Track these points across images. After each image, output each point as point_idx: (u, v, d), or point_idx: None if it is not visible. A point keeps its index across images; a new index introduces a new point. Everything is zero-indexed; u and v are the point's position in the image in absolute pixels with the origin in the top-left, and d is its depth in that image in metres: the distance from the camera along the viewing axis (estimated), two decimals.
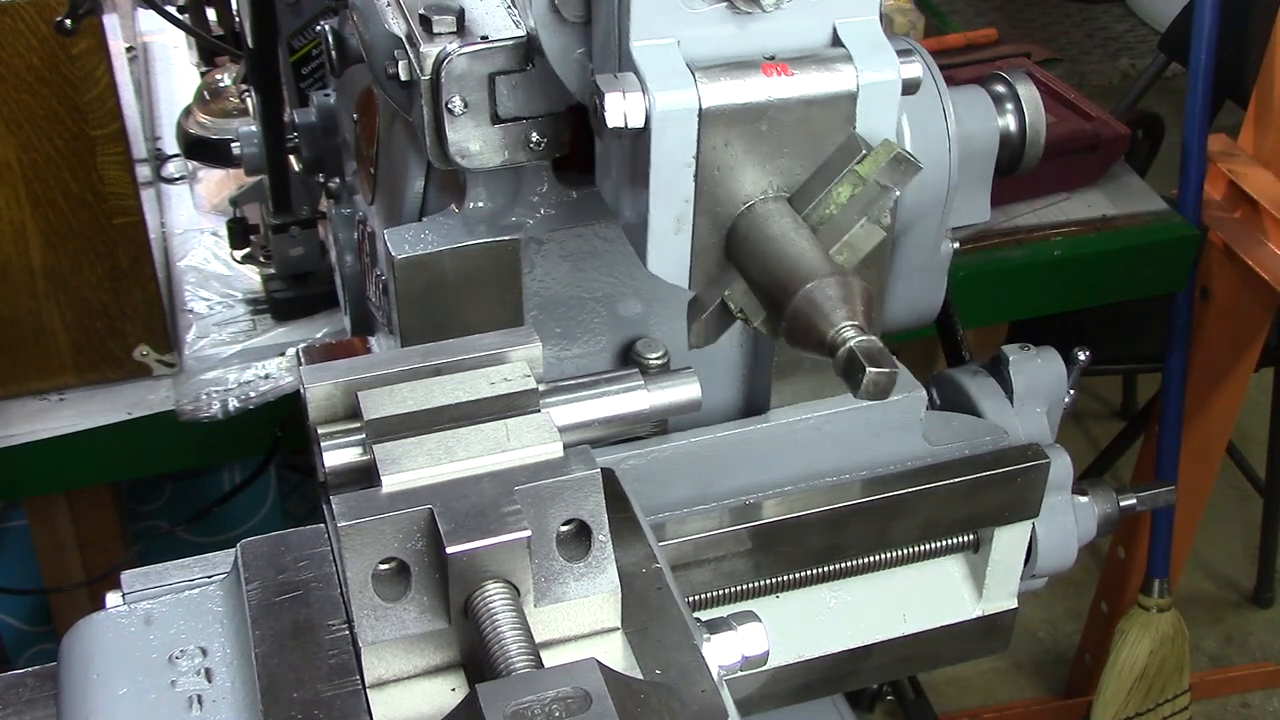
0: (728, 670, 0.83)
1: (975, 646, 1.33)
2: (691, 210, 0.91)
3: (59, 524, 2.05)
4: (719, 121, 0.88)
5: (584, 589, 0.80)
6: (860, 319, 0.83)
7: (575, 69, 0.98)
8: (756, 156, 0.90)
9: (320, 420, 0.83)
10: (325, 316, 1.96)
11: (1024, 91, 1.23)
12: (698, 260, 0.94)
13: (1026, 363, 1.29)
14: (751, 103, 0.88)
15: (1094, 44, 5.25)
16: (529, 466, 0.80)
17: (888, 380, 0.81)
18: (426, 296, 1.10)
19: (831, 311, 0.83)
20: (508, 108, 1.04)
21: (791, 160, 0.91)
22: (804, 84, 0.89)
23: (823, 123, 0.91)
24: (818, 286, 0.84)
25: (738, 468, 1.20)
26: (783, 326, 0.86)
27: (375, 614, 0.77)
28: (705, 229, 0.92)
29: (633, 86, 0.87)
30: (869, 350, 0.81)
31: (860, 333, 0.82)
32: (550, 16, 0.96)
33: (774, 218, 0.91)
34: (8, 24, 1.61)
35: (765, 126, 0.89)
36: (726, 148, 0.89)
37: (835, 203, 0.90)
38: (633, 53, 0.87)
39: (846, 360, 0.82)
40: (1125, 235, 2.20)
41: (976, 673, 3.09)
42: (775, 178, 0.91)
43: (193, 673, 0.80)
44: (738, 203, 0.92)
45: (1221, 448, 2.64)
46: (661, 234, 0.92)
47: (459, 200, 1.12)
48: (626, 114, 0.86)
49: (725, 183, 0.91)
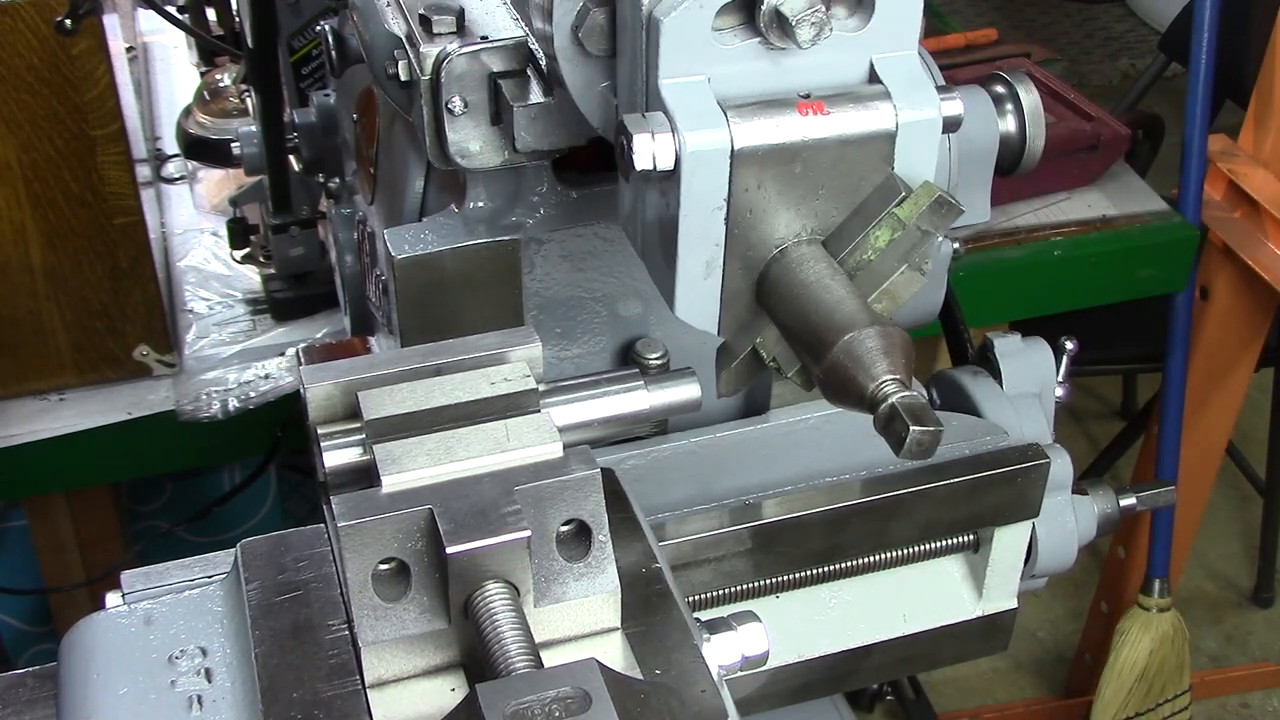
0: (728, 670, 0.83)
1: (975, 646, 1.33)
2: (722, 254, 0.88)
3: (59, 524, 2.05)
4: (752, 162, 0.85)
5: (584, 589, 0.80)
6: (902, 373, 0.80)
7: (599, 103, 0.95)
8: (790, 199, 0.87)
9: (320, 420, 0.83)
10: (325, 316, 1.96)
11: (1024, 92, 1.22)
12: (728, 306, 0.91)
13: (1012, 347, 1.29)
14: (786, 143, 0.85)
15: (1094, 44, 5.25)
16: (529, 466, 0.80)
17: (931, 440, 0.78)
18: (426, 296, 1.10)
19: (872, 365, 0.80)
20: (525, 140, 1.02)
21: (827, 202, 0.88)
22: (840, 123, 0.86)
23: (860, 163, 0.87)
24: (857, 339, 0.81)
25: (738, 468, 1.20)
26: (819, 378, 0.83)
27: (375, 614, 0.77)
28: (736, 274, 0.89)
29: (661, 127, 0.84)
30: (912, 407, 0.78)
31: (902, 387, 0.80)
32: (573, 50, 0.93)
33: (808, 263, 0.88)
34: (8, 24, 1.61)
35: (800, 167, 0.86)
36: (759, 190, 0.86)
37: (873, 247, 0.87)
38: (661, 90, 0.84)
39: (888, 417, 0.79)
40: (1125, 235, 2.20)
41: (976, 673, 3.09)
42: (810, 220, 0.88)
43: (193, 673, 0.80)
44: (770, 246, 0.89)
45: (1221, 448, 2.64)
46: (690, 279, 0.89)
47: (459, 200, 1.12)
48: (655, 155, 0.83)
49: (757, 226, 0.88)
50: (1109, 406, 3.71)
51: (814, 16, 0.83)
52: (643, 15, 0.85)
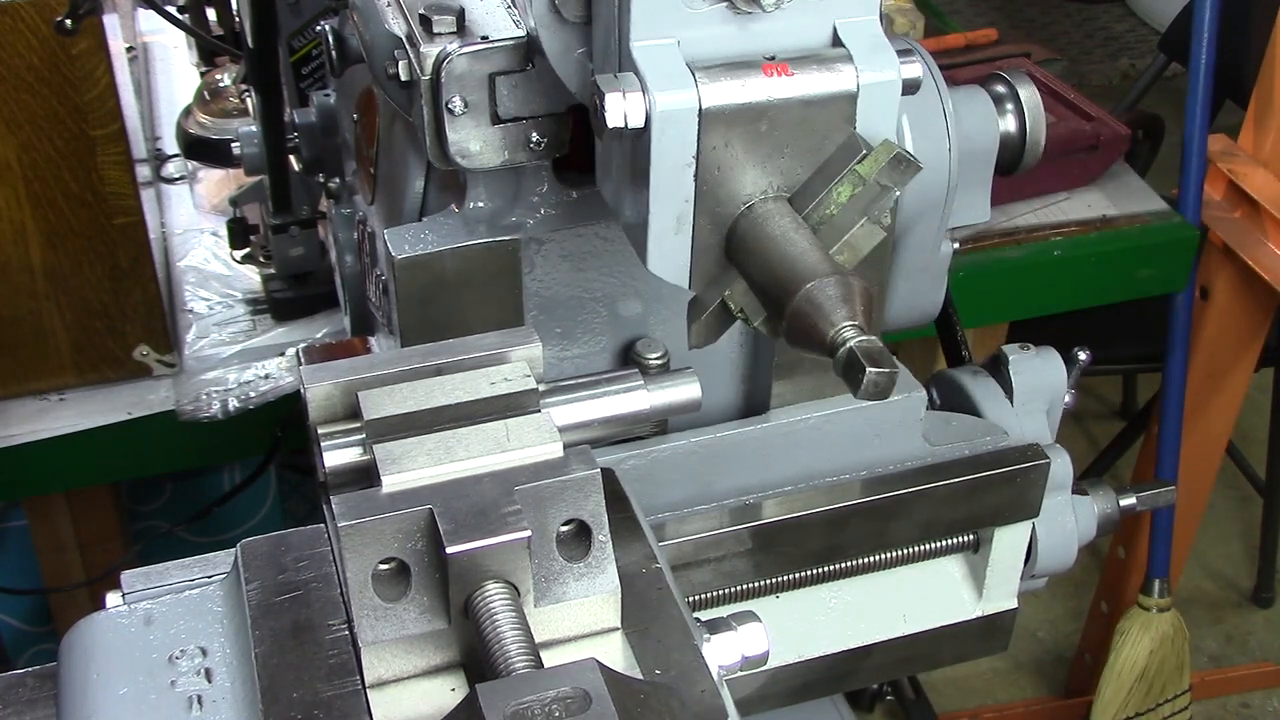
0: (728, 670, 0.83)
1: (975, 646, 1.33)
2: (692, 210, 0.91)
3: (59, 524, 2.05)
4: (719, 121, 0.88)
5: (584, 589, 0.80)
6: (860, 319, 0.83)
7: (575, 69, 0.98)
8: (757, 156, 0.90)
9: (320, 420, 0.83)
10: (325, 316, 1.96)
11: (1024, 92, 1.22)
12: (698, 260, 0.93)
13: (1026, 362, 1.29)
14: (751, 103, 0.88)
15: (1094, 44, 5.25)
16: (529, 466, 0.80)
17: (888, 380, 0.81)
18: (426, 296, 1.10)
19: (832, 311, 0.83)
20: (508, 108, 1.04)
21: (792, 160, 0.91)
22: (804, 84, 0.89)
23: (823, 123, 0.90)
24: (818, 286, 0.84)
25: (738, 468, 1.20)
26: (783, 326, 0.86)
27: (375, 614, 0.77)
28: (705, 229, 0.92)
29: (633, 86, 0.86)
30: (869, 350, 0.81)
31: (860, 333, 0.82)
32: (550, 16, 0.96)
33: (774, 218, 0.90)
34: (8, 24, 1.61)
35: (765, 126, 0.89)
36: (727, 148, 0.89)
37: (835, 203, 0.90)
38: (633, 53, 0.87)
39: (846, 360, 0.82)
40: (1125, 235, 2.20)
41: (976, 673, 3.09)
42: (775, 178, 0.91)
43: (193, 673, 0.80)
44: (738, 203, 0.91)
45: (1221, 448, 2.64)
46: (662, 234, 0.92)
47: (459, 200, 1.12)
48: (627, 114, 0.86)
49: (725, 183, 0.90)
50: (1109, 406, 3.71)
51: None
52: None
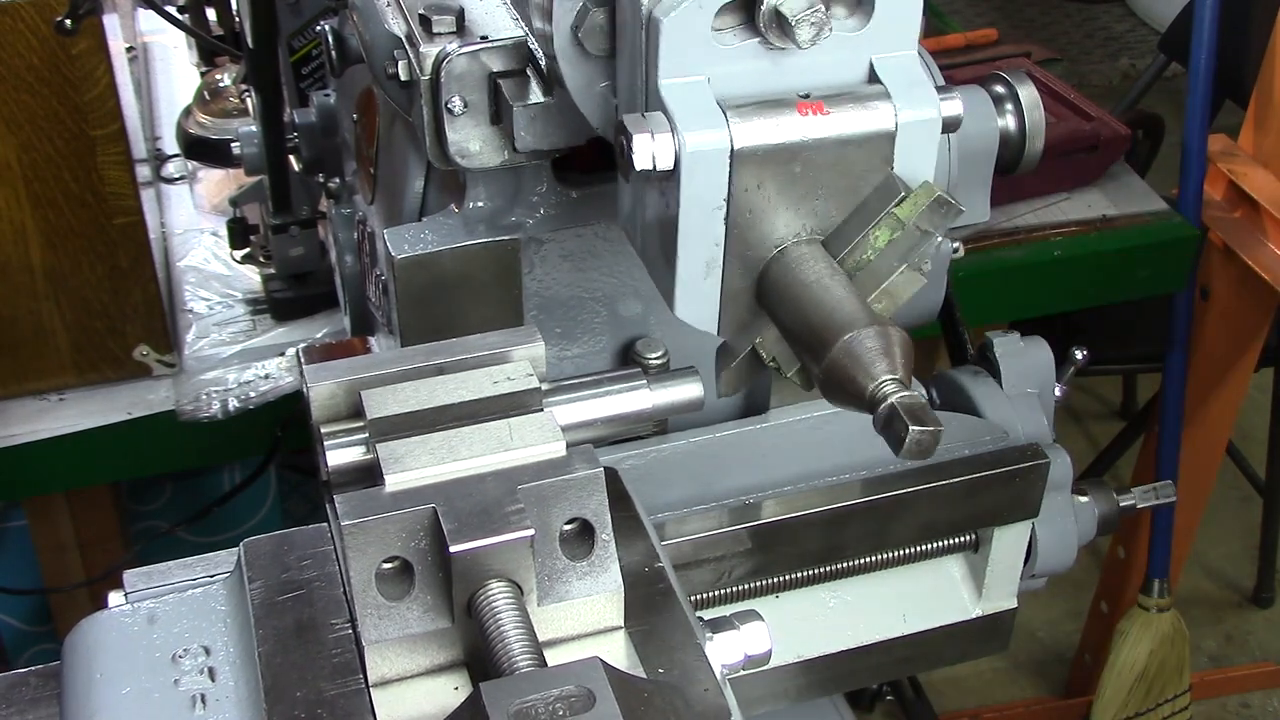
0: (730, 669, 0.83)
1: (975, 646, 1.33)
2: (722, 254, 0.88)
3: (59, 524, 2.05)
4: (751, 162, 0.85)
5: (587, 588, 0.80)
6: (901, 372, 0.81)
7: (598, 103, 0.95)
8: (790, 198, 0.87)
9: (323, 419, 0.83)
10: (325, 316, 1.96)
11: (1024, 92, 1.22)
12: (727, 306, 0.91)
13: (1012, 347, 1.29)
14: (785, 143, 0.85)
15: (1094, 44, 5.25)
16: (532, 465, 0.80)
17: (931, 440, 0.78)
18: (426, 296, 1.10)
19: (871, 364, 0.80)
20: (525, 140, 1.02)
21: (826, 202, 0.88)
22: (840, 123, 0.86)
23: (859, 163, 0.87)
24: (856, 338, 0.81)
25: (738, 468, 1.20)
26: (818, 378, 0.83)
27: (378, 613, 0.77)
28: (735, 273, 0.89)
29: (661, 127, 0.84)
30: (911, 408, 0.78)
31: (901, 387, 0.80)
32: (572, 50, 0.93)
33: (808, 262, 0.87)
34: (8, 24, 1.61)
35: (799, 167, 0.86)
36: (759, 189, 0.86)
37: (873, 247, 0.87)
38: (661, 91, 0.84)
39: (887, 417, 0.79)
40: (1125, 235, 2.20)
41: (976, 673, 3.09)
42: (809, 220, 0.88)
43: (196, 672, 0.80)
44: (770, 246, 0.88)
45: (1221, 448, 2.64)
46: (690, 279, 0.89)
47: (459, 200, 1.12)
48: (655, 155, 0.83)
49: (757, 226, 0.88)
50: (1109, 406, 3.71)
51: (814, 16, 0.83)
52: (642, 15, 0.85)
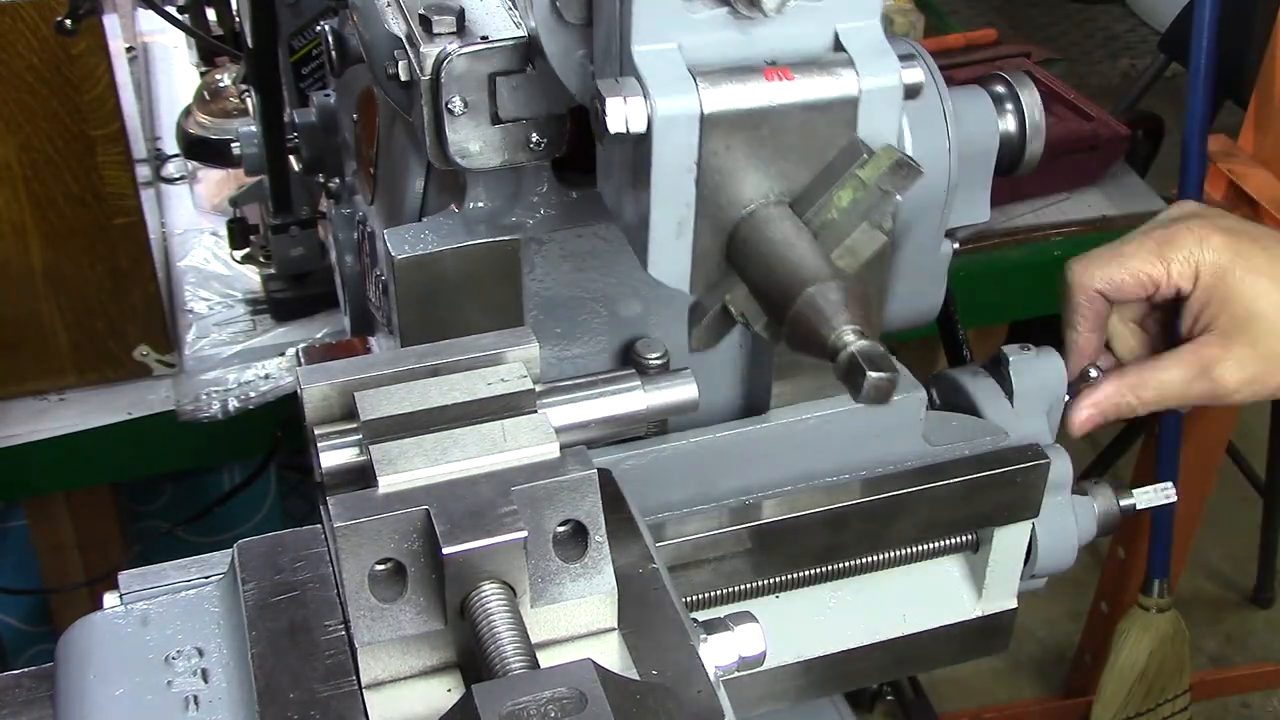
0: (724, 671, 0.83)
1: (975, 646, 1.33)
2: (693, 215, 0.90)
3: (59, 524, 2.05)
4: (720, 126, 0.87)
5: (580, 589, 0.80)
6: (861, 323, 0.82)
7: (576, 71, 0.97)
8: (758, 161, 0.89)
9: (317, 421, 0.83)
10: (325, 316, 1.96)
11: (1024, 92, 1.22)
12: (699, 265, 0.92)
13: (1026, 363, 1.29)
14: (753, 107, 0.87)
15: (1094, 44, 5.25)
16: (525, 467, 0.80)
17: (888, 384, 0.80)
18: (426, 296, 1.10)
19: (832, 315, 0.82)
20: (508, 109, 1.04)
21: (793, 165, 0.90)
22: (805, 89, 0.88)
23: (824, 128, 0.90)
24: (819, 290, 0.83)
25: (738, 468, 1.20)
26: (784, 331, 0.85)
27: (372, 614, 0.77)
28: (706, 234, 0.91)
29: (634, 91, 0.86)
30: (870, 354, 0.80)
31: (861, 336, 0.81)
32: (551, 18, 0.95)
33: (775, 222, 0.90)
34: (8, 24, 1.61)
35: (767, 131, 0.88)
36: (728, 152, 0.88)
37: (836, 207, 0.89)
38: (634, 57, 0.86)
39: (847, 364, 0.81)
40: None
41: (976, 673, 3.09)
42: (776, 183, 0.90)
43: (189, 673, 0.80)
44: (739, 207, 0.90)
45: (1221, 448, 2.64)
46: (662, 238, 0.91)
47: (459, 200, 1.12)
48: (628, 119, 0.85)
49: (726, 187, 0.90)
50: None
51: None
52: None
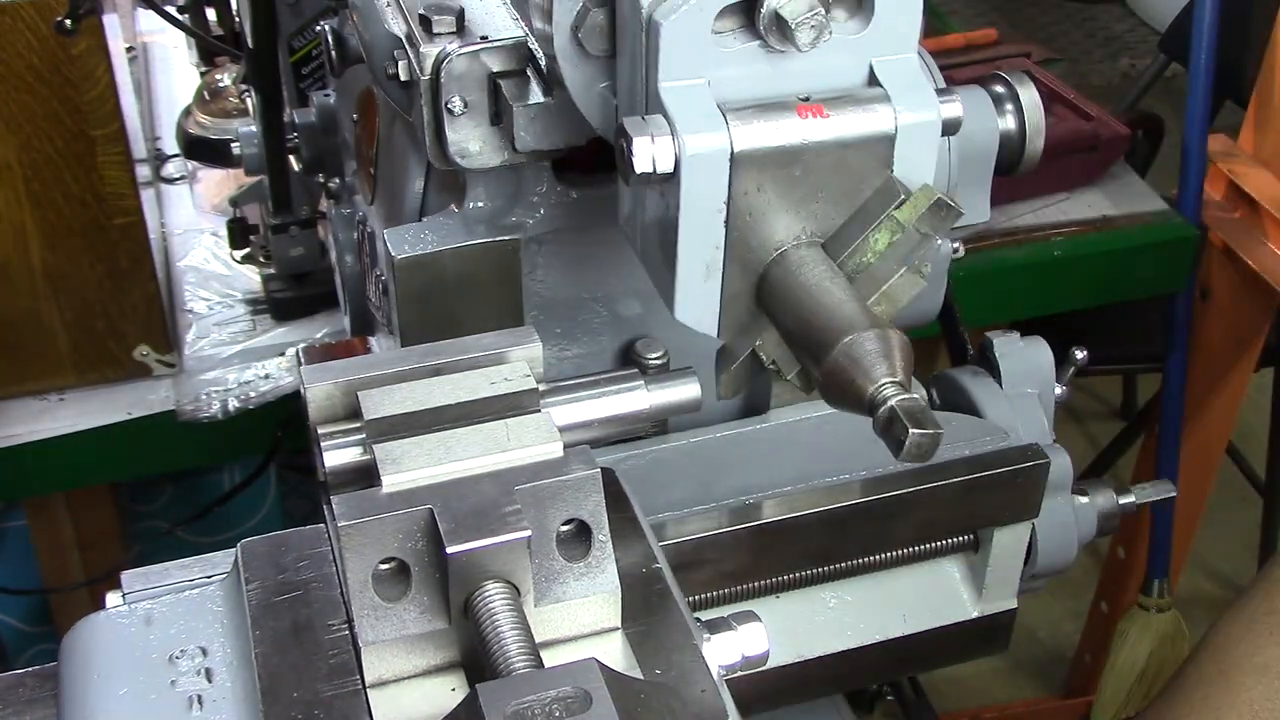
0: (728, 670, 0.83)
1: (975, 647, 1.33)
2: (721, 257, 0.88)
3: (59, 524, 2.05)
4: (751, 165, 0.85)
5: (584, 589, 0.80)
6: (901, 375, 0.80)
7: (598, 103, 0.95)
8: (790, 201, 0.87)
9: (320, 420, 0.83)
10: (325, 316, 1.96)
11: (1024, 92, 1.22)
12: (727, 308, 0.90)
13: (1012, 347, 1.29)
14: (785, 145, 0.85)
15: (1094, 44, 5.25)
16: (529, 466, 0.80)
17: (931, 443, 0.78)
18: (426, 296, 1.10)
19: (871, 368, 0.80)
20: (525, 140, 1.02)
21: (826, 205, 0.88)
22: (840, 126, 0.86)
23: (859, 166, 0.87)
24: (855, 341, 0.81)
25: (738, 468, 1.20)
26: (818, 381, 0.83)
27: (375, 614, 0.77)
28: (736, 276, 0.89)
29: (661, 130, 0.83)
30: (911, 410, 0.78)
31: (901, 390, 0.80)
32: (573, 50, 0.93)
33: (808, 265, 0.87)
34: (8, 24, 1.61)
35: (799, 170, 0.86)
36: (759, 192, 0.86)
37: (873, 250, 0.87)
38: (661, 93, 0.84)
39: (887, 420, 0.79)
40: (1125, 235, 2.21)
41: (976, 673, 3.08)
42: (809, 223, 0.88)
43: (193, 672, 0.80)
44: (770, 249, 0.88)
45: (1221, 448, 2.64)
46: (690, 281, 0.89)
47: (459, 200, 1.12)
48: (655, 158, 0.83)
49: (757, 228, 0.87)
50: (1109, 406, 3.71)
51: (814, 19, 0.82)
52: (642, 17, 0.84)
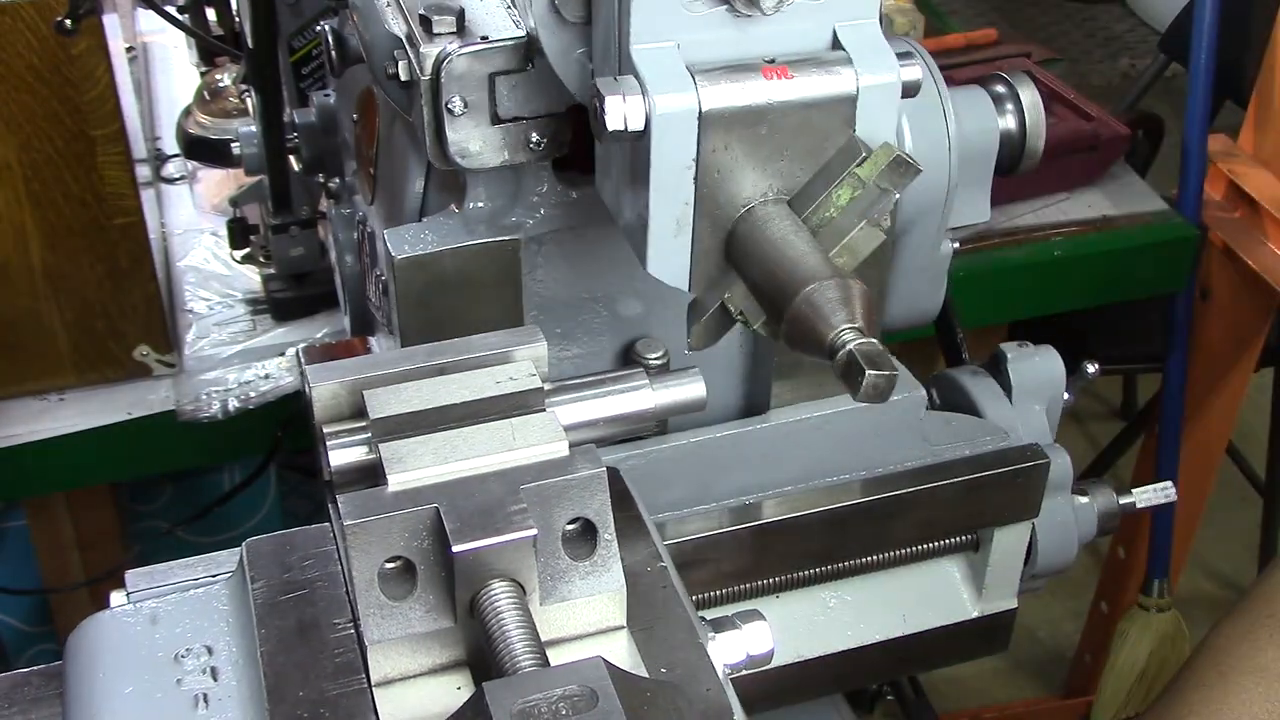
0: (733, 669, 0.83)
1: (975, 647, 1.33)
2: (691, 213, 0.91)
3: (59, 524, 2.05)
4: (719, 124, 0.88)
5: (589, 587, 0.81)
6: (860, 321, 0.83)
7: (575, 69, 0.98)
8: (756, 159, 0.90)
9: (326, 419, 0.83)
10: (325, 316, 1.96)
11: (1024, 92, 1.22)
12: (698, 263, 0.93)
13: (1024, 360, 1.29)
14: (751, 105, 0.88)
15: (1094, 44, 5.25)
16: (535, 465, 0.80)
17: (886, 383, 0.81)
18: (426, 296, 1.10)
19: (831, 314, 0.83)
20: (507, 107, 1.04)
21: (791, 163, 0.91)
22: (803, 86, 0.89)
23: (822, 125, 0.90)
24: (817, 289, 0.84)
25: (738, 468, 1.20)
26: (783, 329, 0.86)
27: (381, 612, 0.77)
28: (705, 231, 0.92)
29: (633, 89, 0.86)
30: (868, 353, 0.81)
31: (860, 335, 0.82)
32: (550, 17, 0.96)
33: (774, 220, 0.90)
34: (8, 24, 1.61)
35: (765, 129, 0.89)
36: (726, 150, 0.89)
37: (835, 205, 0.90)
38: (633, 55, 0.87)
39: (846, 363, 0.81)
40: (1125, 235, 2.21)
41: (976, 673, 3.08)
42: (775, 180, 0.91)
43: (198, 671, 0.80)
44: (738, 205, 0.91)
45: (1221, 448, 2.64)
46: (661, 236, 0.92)
47: (459, 200, 1.12)
48: (626, 117, 0.86)
49: (725, 185, 0.90)
50: (1109, 406, 3.71)
51: None
52: None
